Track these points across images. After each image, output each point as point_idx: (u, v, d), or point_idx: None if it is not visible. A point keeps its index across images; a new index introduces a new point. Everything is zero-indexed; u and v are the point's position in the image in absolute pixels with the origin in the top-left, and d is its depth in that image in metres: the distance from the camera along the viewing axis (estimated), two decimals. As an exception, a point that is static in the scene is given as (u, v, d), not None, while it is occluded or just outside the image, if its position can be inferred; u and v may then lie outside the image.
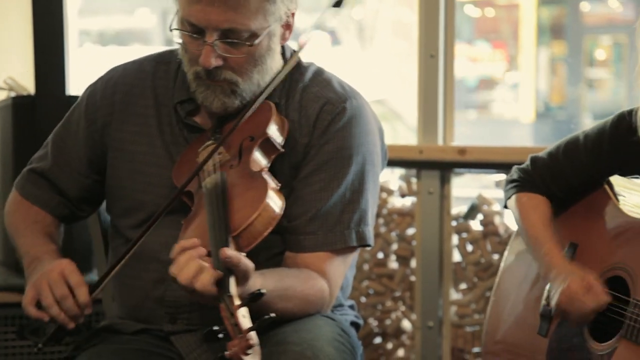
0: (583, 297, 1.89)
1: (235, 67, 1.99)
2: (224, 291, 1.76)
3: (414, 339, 3.03)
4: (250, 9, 1.95)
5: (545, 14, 10.53)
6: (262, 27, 1.97)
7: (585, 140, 2.03)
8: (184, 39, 2.00)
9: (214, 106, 2.02)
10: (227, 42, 1.96)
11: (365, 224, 2.09)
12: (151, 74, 2.17)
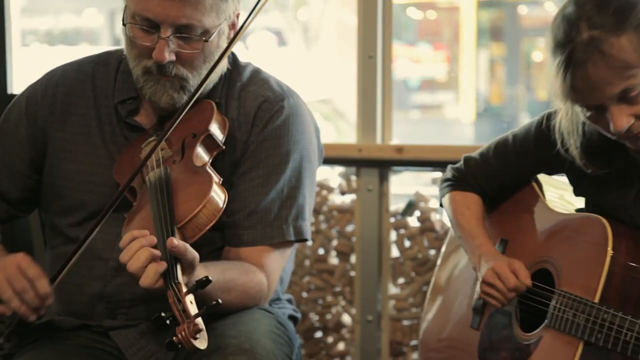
0: (507, 274, 1.93)
1: (186, 63, 2.00)
2: (171, 279, 1.77)
3: (354, 333, 3.04)
4: (205, 6, 1.96)
5: (484, 17, 10.63)
6: (214, 24, 1.99)
7: (513, 140, 2.07)
8: (135, 33, 1.99)
9: (163, 101, 2.02)
10: (181, 38, 1.97)
11: (302, 219, 2.11)
12: (90, 75, 2.17)
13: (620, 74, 1.70)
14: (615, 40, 1.69)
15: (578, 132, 1.88)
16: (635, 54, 1.70)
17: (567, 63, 1.72)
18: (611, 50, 1.69)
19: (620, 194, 1.88)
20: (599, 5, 1.72)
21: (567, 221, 1.97)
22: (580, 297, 1.83)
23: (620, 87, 1.71)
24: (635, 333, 1.72)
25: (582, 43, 1.71)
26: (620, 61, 1.69)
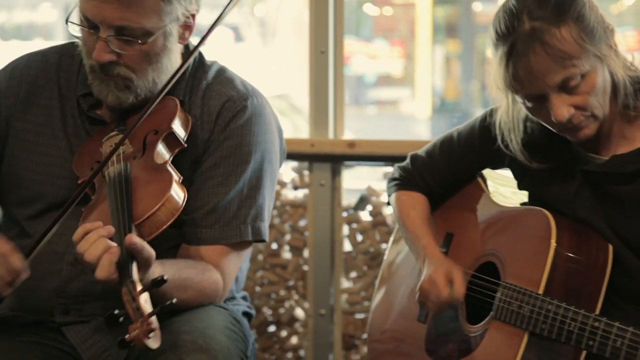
0: (442, 287, 1.95)
1: (129, 64, 1.98)
2: (126, 276, 1.75)
3: (307, 327, 3.05)
4: (144, 8, 1.95)
5: (440, 13, 10.72)
6: (156, 26, 1.97)
7: (458, 137, 2.08)
8: (81, 33, 1.99)
9: (109, 100, 2.01)
10: (120, 39, 1.95)
11: (261, 219, 2.10)
12: (55, 65, 2.15)
13: (561, 63, 1.73)
14: (556, 31, 1.72)
15: (519, 128, 1.90)
16: (575, 45, 1.73)
17: (510, 54, 1.75)
18: (552, 41, 1.72)
19: (563, 187, 1.90)
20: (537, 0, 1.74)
21: (512, 214, 1.99)
22: (525, 289, 1.84)
23: (560, 76, 1.74)
24: (578, 323, 1.74)
25: (524, 34, 1.73)
26: (560, 51, 1.72)
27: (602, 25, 1.77)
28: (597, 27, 1.76)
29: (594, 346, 1.71)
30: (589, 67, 1.74)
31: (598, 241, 1.85)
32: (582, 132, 1.81)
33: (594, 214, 1.86)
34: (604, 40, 1.76)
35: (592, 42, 1.74)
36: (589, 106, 1.77)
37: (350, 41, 10.86)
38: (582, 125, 1.80)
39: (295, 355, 3.12)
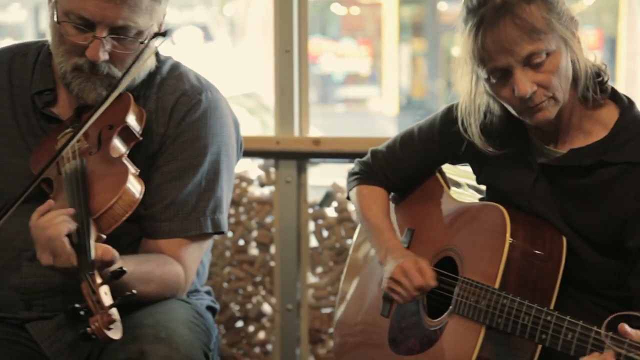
0: (413, 273, 1.95)
1: (118, 62, 1.98)
2: (86, 270, 1.75)
3: (274, 322, 3.05)
4: (142, 8, 1.95)
5: (406, 13, 10.75)
6: (148, 25, 1.98)
7: (418, 132, 2.09)
8: (68, 31, 1.96)
9: (90, 98, 2.00)
10: (116, 38, 1.95)
11: (220, 211, 2.10)
12: (7, 64, 2.13)
13: (529, 35, 1.75)
14: (526, 5, 1.75)
15: (479, 112, 1.91)
16: (543, 22, 1.75)
17: (480, 24, 1.76)
18: (522, 13, 1.74)
19: (520, 180, 1.91)
20: None
21: (469, 210, 2.00)
22: (482, 284, 1.85)
23: (528, 49, 1.75)
24: (531, 317, 1.76)
25: (495, 6, 1.75)
26: (529, 24, 1.74)
27: (569, 15, 1.79)
28: (565, 14, 1.78)
29: (547, 339, 1.73)
30: (554, 47, 1.76)
31: (552, 234, 1.86)
32: (542, 114, 1.81)
33: (549, 206, 1.88)
34: (569, 27, 1.79)
35: (559, 23, 1.76)
36: (552, 86, 1.78)
37: (318, 40, 10.87)
38: (542, 106, 1.80)
39: (262, 350, 3.12)
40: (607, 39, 9.64)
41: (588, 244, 1.84)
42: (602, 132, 1.83)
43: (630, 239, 1.79)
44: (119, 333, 1.71)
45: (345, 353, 2.24)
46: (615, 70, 9.20)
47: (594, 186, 1.82)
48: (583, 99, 1.83)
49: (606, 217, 1.81)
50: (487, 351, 1.83)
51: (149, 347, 1.86)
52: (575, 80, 1.82)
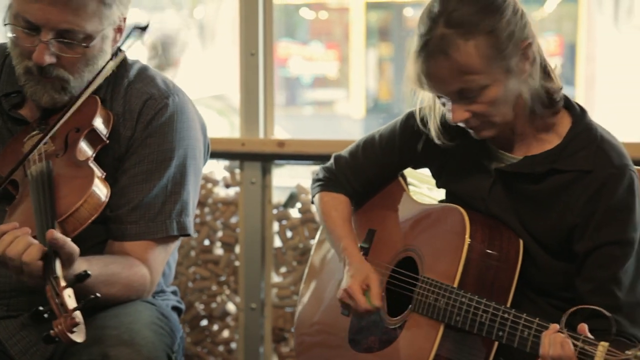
0: (358, 299, 1.95)
1: (67, 66, 1.96)
2: (50, 273, 1.73)
3: (238, 321, 3.04)
4: (87, 12, 1.93)
5: (373, 18, 10.76)
6: (97, 30, 1.96)
7: (380, 138, 2.09)
8: (17, 34, 1.94)
9: (43, 101, 1.98)
10: (62, 42, 1.93)
11: (186, 214, 2.08)
12: None
13: (459, 76, 1.75)
14: (462, 43, 1.73)
15: (438, 109, 1.91)
16: (479, 60, 1.74)
17: (420, 52, 1.77)
18: (454, 53, 1.74)
19: (477, 184, 1.92)
20: (459, 6, 1.75)
21: (429, 211, 2.00)
22: (441, 283, 1.86)
23: (457, 87, 1.77)
24: (489, 315, 1.76)
25: (436, 38, 1.75)
26: (461, 65, 1.74)
27: (516, 42, 1.76)
28: (509, 44, 1.75)
29: (504, 337, 1.74)
30: (489, 82, 1.75)
31: (509, 237, 1.87)
32: (481, 133, 1.84)
33: (506, 210, 1.89)
34: (514, 56, 1.76)
35: (499, 57, 1.74)
36: (487, 114, 1.80)
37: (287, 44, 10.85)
38: (479, 129, 1.83)
39: (226, 348, 3.10)
40: (567, 45, 9.72)
41: (541, 247, 1.86)
42: (555, 140, 1.84)
43: (578, 244, 1.80)
44: (82, 336, 1.68)
45: (306, 351, 2.23)
46: (575, 75, 9.30)
47: (547, 192, 1.83)
48: (532, 114, 1.83)
49: (557, 223, 1.82)
50: (446, 349, 1.84)
51: (112, 350, 1.84)
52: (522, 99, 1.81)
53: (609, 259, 1.77)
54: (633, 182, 1.79)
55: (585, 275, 1.79)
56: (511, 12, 1.76)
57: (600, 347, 1.46)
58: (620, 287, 1.76)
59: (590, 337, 1.52)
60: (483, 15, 1.74)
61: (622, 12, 8.97)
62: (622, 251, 1.77)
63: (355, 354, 2.05)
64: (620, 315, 1.74)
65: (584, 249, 1.79)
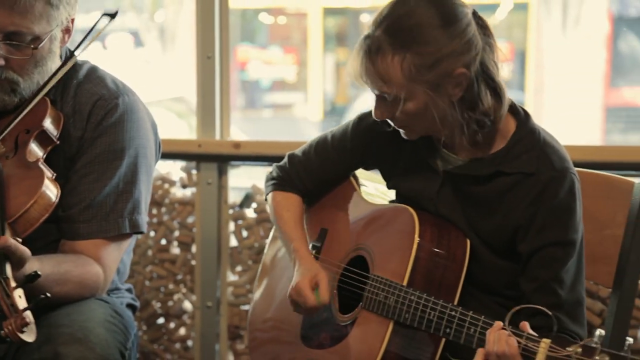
0: (307, 296, 1.95)
1: (16, 68, 1.93)
2: (0, 274, 1.70)
3: (194, 319, 3.01)
4: (35, 14, 1.90)
5: (330, 23, 10.78)
6: (45, 31, 1.93)
7: (332, 139, 2.09)
8: None
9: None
10: (10, 44, 1.90)
11: (138, 212, 2.07)
12: None
13: (378, 81, 1.76)
14: (390, 53, 1.73)
15: None
16: (400, 74, 1.73)
17: (357, 48, 1.78)
18: (379, 60, 1.74)
19: (426, 185, 1.92)
20: (401, 17, 1.74)
21: (380, 211, 2.00)
22: (391, 281, 1.86)
23: (375, 89, 1.79)
24: (437, 312, 1.77)
25: (372, 39, 1.75)
26: (380, 72, 1.75)
27: (445, 68, 1.73)
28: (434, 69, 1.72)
29: (451, 333, 1.74)
30: (406, 96, 1.75)
31: (457, 236, 1.88)
32: (404, 134, 1.87)
33: (454, 211, 1.89)
34: (441, 80, 1.74)
35: (420, 79, 1.73)
36: (405, 123, 1.82)
37: (247, 48, 10.84)
38: (402, 130, 1.85)
39: (182, 345, 3.08)
40: (517, 52, 9.84)
41: (487, 247, 1.87)
42: (501, 144, 1.85)
43: (521, 245, 1.81)
44: (33, 336, 1.66)
45: (259, 348, 2.22)
46: (525, 81, 9.42)
47: (492, 194, 1.84)
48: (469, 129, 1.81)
49: (502, 223, 1.83)
50: (395, 345, 1.84)
51: (64, 348, 1.82)
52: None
53: (551, 259, 1.78)
54: (574, 184, 1.81)
55: (529, 274, 1.80)
56: (452, 37, 1.72)
57: (543, 343, 1.48)
58: (562, 286, 1.77)
59: (533, 334, 1.53)
60: (419, 35, 1.72)
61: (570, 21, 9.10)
62: (564, 252, 1.78)
63: (307, 350, 2.04)
64: (562, 313, 1.76)
65: (528, 250, 1.80)
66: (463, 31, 1.73)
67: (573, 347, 1.43)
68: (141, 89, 2.17)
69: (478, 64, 1.75)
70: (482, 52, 1.76)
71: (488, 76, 1.77)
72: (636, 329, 2.64)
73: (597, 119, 9.61)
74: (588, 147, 2.72)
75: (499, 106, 1.79)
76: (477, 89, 1.76)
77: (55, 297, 1.76)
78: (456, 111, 1.78)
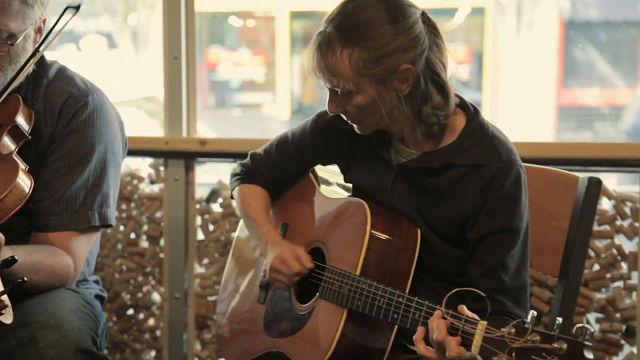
0: (291, 261, 1.96)
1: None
2: None
3: (163, 309, 3.00)
4: (12, 12, 1.91)
5: (297, 26, 10.77)
6: (20, 29, 1.94)
7: (292, 137, 2.10)
8: None
9: None
10: None
11: (107, 206, 2.07)
12: None
13: (329, 75, 1.78)
14: (339, 48, 1.75)
15: None
16: (348, 68, 1.75)
17: (311, 45, 1.80)
18: (329, 55, 1.76)
19: (381, 179, 1.94)
20: (350, 14, 1.76)
21: (336, 205, 2.01)
22: (345, 271, 1.87)
23: (327, 83, 1.80)
24: (386, 299, 1.78)
25: (324, 35, 1.77)
26: (330, 66, 1.76)
27: (391, 64, 1.74)
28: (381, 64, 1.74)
29: (398, 318, 1.75)
30: (355, 89, 1.77)
31: (408, 227, 1.89)
32: (357, 129, 1.88)
33: (406, 202, 1.91)
34: (388, 75, 1.75)
35: (367, 73, 1.74)
36: (356, 117, 1.83)
37: (217, 50, 10.78)
38: (354, 124, 1.87)
39: (152, 335, 3.07)
40: (475, 54, 9.90)
41: (438, 236, 1.88)
42: (451, 137, 1.87)
43: (470, 232, 1.84)
44: (10, 318, 1.67)
45: (226, 339, 2.23)
46: (482, 82, 9.49)
47: (444, 185, 1.86)
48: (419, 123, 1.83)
49: (453, 213, 1.85)
50: (349, 332, 1.85)
51: (39, 333, 1.82)
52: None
53: (497, 245, 1.80)
54: (520, 175, 1.83)
55: (476, 260, 1.82)
56: (397, 34, 1.74)
57: (480, 325, 1.50)
58: (507, 272, 1.79)
59: (470, 317, 1.55)
60: (366, 31, 1.74)
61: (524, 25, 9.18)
62: (509, 239, 1.81)
63: (269, 339, 2.05)
64: (506, 297, 1.78)
65: (476, 237, 1.82)
66: (409, 28, 1.75)
67: (507, 328, 1.45)
68: (114, 88, 2.17)
69: (424, 62, 1.77)
70: (428, 50, 1.77)
71: (434, 73, 1.79)
72: (582, 316, 2.68)
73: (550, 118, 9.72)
74: (540, 143, 2.74)
75: (446, 103, 1.81)
76: (425, 86, 1.78)
77: (28, 285, 1.74)
78: (404, 106, 1.79)
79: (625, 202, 2.64)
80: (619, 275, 2.66)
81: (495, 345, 1.44)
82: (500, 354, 1.43)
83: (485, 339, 1.47)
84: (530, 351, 1.40)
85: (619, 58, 9.32)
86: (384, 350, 1.86)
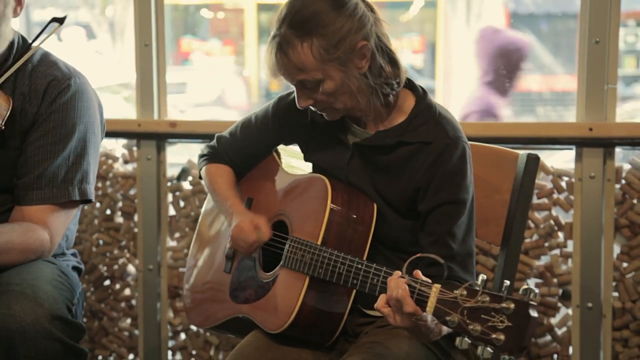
0: (249, 231, 1.94)
1: None
2: None
3: (138, 280, 2.97)
4: None
5: (264, 18, 10.68)
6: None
7: (255, 119, 2.07)
8: None
9: None
10: None
11: (87, 182, 2.06)
12: None
13: (296, 72, 1.75)
14: (299, 44, 1.73)
15: None
16: (312, 59, 1.73)
17: (269, 48, 1.77)
18: (292, 52, 1.73)
19: (338, 157, 1.93)
20: (299, 10, 1.74)
21: (298, 181, 2.00)
22: (307, 241, 1.86)
23: (295, 79, 1.78)
24: (346, 266, 1.77)
25: (280, 37, 1.75)
26: (296, 61, 1.74)
27: (349, 43, 1.73)
28: (341, 46, 1.73)
29: (357, 284, 1.75)
30: (324, 77, 1.75)
31: (365, 201, 1.88)
32: (328, 116, 1.86)
33: (362, 178, 1.90)
34: (349, 55, 1.74)
35: (331, 57, 1.73)
36: (327, 103, 1.81)
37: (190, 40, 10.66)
38: (325, 112, 1.85)
39: (127, 304, 3.03)
40: (428, 44, 9.92)
41: (392, 209, 1.88)
42: (402, 117, 1.86)
43: (421, 204, 1.83)
44: None
45: (195, 309, 2.20)
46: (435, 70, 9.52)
47: (396, 162, 1.85)
48: (377, 98, 1.82)
49: (405, 187, 1.85)
50: (310, 297, 1.84)
51: (16, 304, 1.79)
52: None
53: (445, 216, 1.80)
54: (465, 151, 1.83)
55: (426, 230, 1.82)
56: (346, 17, 1.73)
57: (434, 288, 1.50)
58: (455, 240, 1.79)
59: (426, 280, 1.55)
60: (318, 21, 1.73)
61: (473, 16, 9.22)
62: (456, 209, 1.80)
63: (235, 305, 2.03)
64: (454, 263, 1.78)
65: (426, 208, 1.82)
66: (354, 10, 1.75)
67: (459, 290, 1.45)
68: (93, 76, 2.17)
69: (375, 36, 1.77)
70: (374, 25, 1.78)
71: (384, 45, 1.80)
72: (522, 282, 2.70)
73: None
74: (484, 123, 2.77)
75: (398, 71, 1.81)
76: (379, 58, 1.78)
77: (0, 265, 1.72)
78: (368, 80, 1.78)
79: (562, 177, 2.66)
80: (556, 244, 2.68)
81: (448, 306, 1.44)
82: (453, 314, 1.43)
83: (439, 300, 1.47)
84: (480, 311, 1.40)
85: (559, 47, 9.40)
86: (342, 314, 1.85)
